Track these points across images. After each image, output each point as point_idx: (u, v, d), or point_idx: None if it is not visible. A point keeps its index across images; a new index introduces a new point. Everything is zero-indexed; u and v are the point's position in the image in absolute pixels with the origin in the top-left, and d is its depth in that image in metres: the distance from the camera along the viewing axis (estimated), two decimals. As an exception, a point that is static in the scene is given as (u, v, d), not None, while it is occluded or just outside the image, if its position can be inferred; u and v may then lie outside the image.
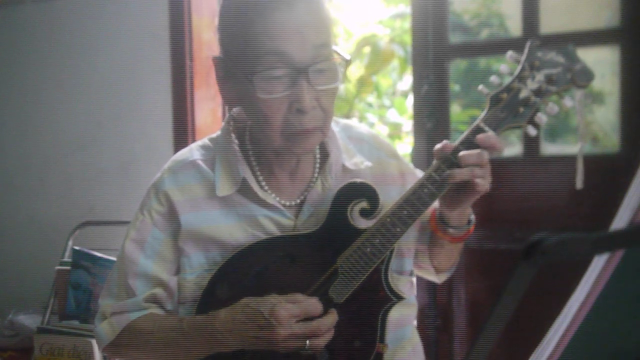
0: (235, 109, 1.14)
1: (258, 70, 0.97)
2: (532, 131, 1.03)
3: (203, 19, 2.45)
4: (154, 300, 1.11)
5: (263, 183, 1.10)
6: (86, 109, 2.55)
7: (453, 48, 2.14)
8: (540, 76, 1.01)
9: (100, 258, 1.95)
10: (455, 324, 2.07)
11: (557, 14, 2.01)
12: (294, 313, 0.97)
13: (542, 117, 1.02)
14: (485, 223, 1.16)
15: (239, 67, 1.01)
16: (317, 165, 1.13)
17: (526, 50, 1.02)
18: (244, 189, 1.08)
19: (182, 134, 2.40)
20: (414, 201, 1.01)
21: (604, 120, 2.09)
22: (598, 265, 0.58)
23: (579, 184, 1.03)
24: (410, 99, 3.76)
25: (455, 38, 2.21)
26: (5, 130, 2.71)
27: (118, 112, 2.51)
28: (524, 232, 1.87)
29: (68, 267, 1.99)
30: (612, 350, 0.63)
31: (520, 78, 1.02)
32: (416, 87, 2.12)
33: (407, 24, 4.25)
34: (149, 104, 2.46)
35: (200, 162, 1.12)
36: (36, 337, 1.86)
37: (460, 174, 0.99)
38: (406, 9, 4.26)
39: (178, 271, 1.11)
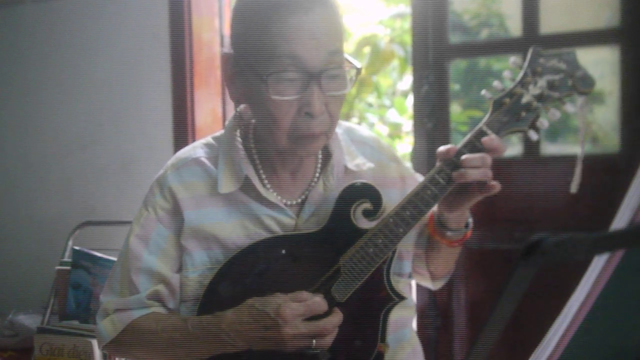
0: (241, 107, 1.14)
1: (271, 71, 0.98)
2: (533, 136, 1.04)
3: (203, 19, 2.45)
4: (157, 297, 1.11)
5: (266, 181, 1.10)
6: (86, 109, 2.55)
7: (453, 48, 2.14)
8: (542, 82, 1.02)
9: (100, 258, 1.94)
10: (455, 324, 2.07)
11: (557, 14, 2.01)
12: (300, 312, 0.97)
13: (543, 122, 1.03)
14: (485, 223, 1.16)
15: (250, 66, 1.01)
16: (319, 165, 1.13)
17: (528, 57, 1.03)
18: (246, 187, 1.09)
19: (182, 134, 2.40)
20: (417, 202, 1.02)
21: (604, 120, 2.09)
22: (598, 265, 0.58)
23: (574, 188, 1.04)
24: (410, 99, 3.76)
25: (455, 38, 2.21)
26: (5, 130, 2.71)
27: (118, 112, 2.50)
28: (524, 232, 1.87)
29: (68, 267, 1.99)
30: (612, 350, 0.63)
31: (523, 84, 1.02)
32: (416, 87, 2.12)
33: (407, 24, 4.25)
34: (149, 104, 2.46)
35: (204, 160, 1.12)
36: (36, 337, 1.86)
37: (472, 175, 0.99)
38: (406, 9, 4.26)
39: (180, 269, 1.10)
